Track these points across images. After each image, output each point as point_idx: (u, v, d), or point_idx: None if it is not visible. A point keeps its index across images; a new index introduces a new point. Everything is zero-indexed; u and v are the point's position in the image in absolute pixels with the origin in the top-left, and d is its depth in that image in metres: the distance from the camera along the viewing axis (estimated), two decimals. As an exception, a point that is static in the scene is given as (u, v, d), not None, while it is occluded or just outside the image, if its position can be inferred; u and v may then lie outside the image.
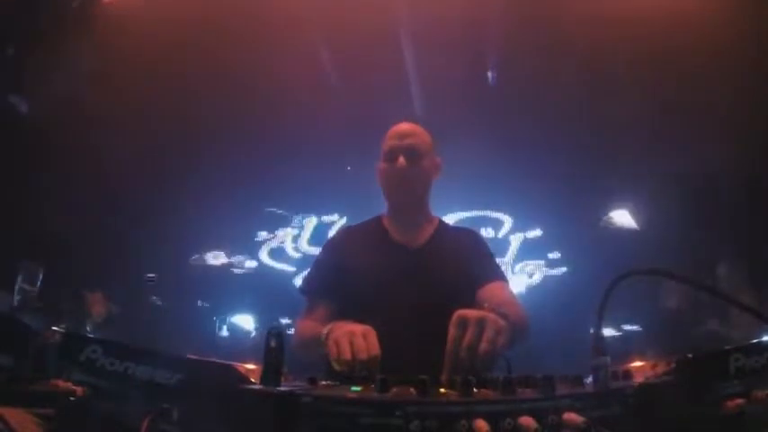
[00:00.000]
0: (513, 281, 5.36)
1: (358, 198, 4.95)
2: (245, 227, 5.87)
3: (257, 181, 5.41)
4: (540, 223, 5.62)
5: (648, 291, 4.23)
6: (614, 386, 0.80)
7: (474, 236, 1.92)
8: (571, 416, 0.68)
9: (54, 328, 0.80)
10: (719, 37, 3.70)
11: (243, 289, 5.57)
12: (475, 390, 0.74)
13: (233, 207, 5.55)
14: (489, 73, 4.77)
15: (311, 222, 5.90)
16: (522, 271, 5.58)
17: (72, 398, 0.77)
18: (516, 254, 5.63)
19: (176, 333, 4.60)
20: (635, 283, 0.85)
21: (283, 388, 0.77)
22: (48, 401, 0.77)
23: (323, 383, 0.88)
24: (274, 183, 5.44)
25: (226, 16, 4.04)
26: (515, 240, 5.64)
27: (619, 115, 4.58)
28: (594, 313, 0.85)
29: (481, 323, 1.08)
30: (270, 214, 5.82)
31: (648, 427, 0.72)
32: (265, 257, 5.89)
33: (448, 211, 4.63)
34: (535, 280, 5.57)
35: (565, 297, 5.15)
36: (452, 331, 1.08)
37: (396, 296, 1.62)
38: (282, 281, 5.71)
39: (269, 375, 0.81)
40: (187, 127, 4.85)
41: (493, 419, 0.68)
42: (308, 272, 1.88)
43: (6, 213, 3.90)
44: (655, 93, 4.35)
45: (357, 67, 4.53)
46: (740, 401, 0.76)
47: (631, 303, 3.94)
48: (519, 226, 5.67)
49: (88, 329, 3.83)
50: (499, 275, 1.74)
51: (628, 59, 4.14)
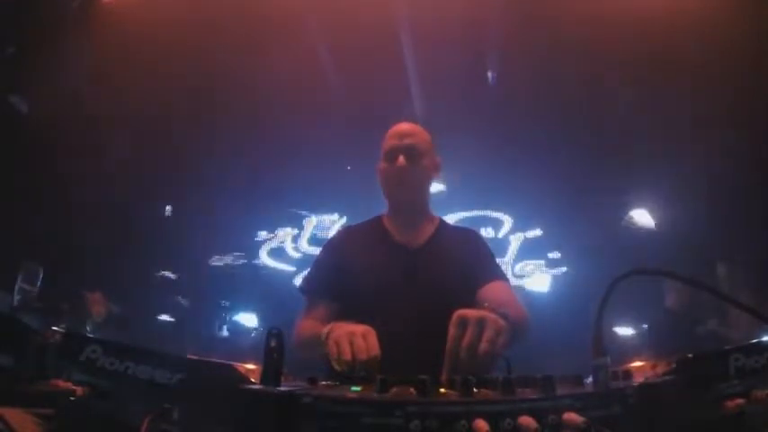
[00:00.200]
0: (535, 281, 5.36)
1: (358, 198, 4.96)
2: (245, 227, 5.87)
3: (257, 181, 5.41)
4: (540, 223, 5.62)
5: (648, 291, 4.23)
6: (614, 386, 0.80)
7: (474, 236, 1.92)
8: (571, 416, 0.68)
9: (54, 328, 0.79)
10: (720, 36, 3.70)
11: (249, 287, 5.59)
12: (475, 390, 0.74)
13: (233, 207, 5.55)
14: (489, 73, 4.77)
15: (311, 222, 5.90)
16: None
17: (72, 398, 0.77)
18: (516, 254, 5.63)
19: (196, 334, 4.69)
20: (634, 283, 0.85)
21: (283, 388, 0.77)
22: (48, 401, 0.77)
23: (323, 383, 0.87)
24: (274, 183, 5.44)
25: (225, 16, 4.05)
26: (515, 240, 5.64)
27: (618, 115, 4.59)
28: (594, 313, 0.85)
29: (481, 323, 1.08)
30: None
31: (648, 427, 0.72)
32: (265, 257, 5.89)
33: (448, 212, 4.63)
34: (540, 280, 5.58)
35: (565, 297, 5.16)
36: (452, 331, 1.08)
37: (396, 296, 1.61)
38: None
39: (269, 375, 0.81)
40: (187, 127, 4.85)
41: (493, 419, 0.67)
42: (308, 272, 1.88)
43: (6, 213, 3.90)
44: (655, 93, 4.35)
45: (357, 67, 4.54)
46: (740, 401, 0.76)
47: (632, 303, 3.94)
48: (519, 226, 5.67)
49: (88, 329, 3.83)
50: (499, 275, 1.74)
51: (628, 59, 4.14)
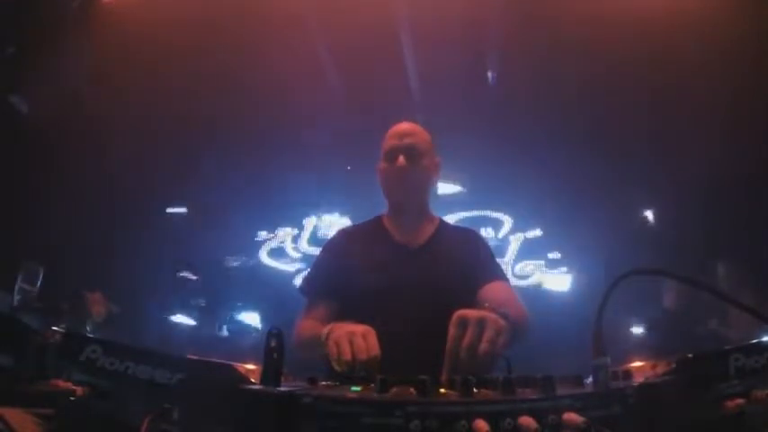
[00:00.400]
0: (555, 280, 5.37)
1: (358, 198, 4.96)
2: (245, 226, 5.87)
3: (257, 181, 5.41)
4: (540, 223, 5.62)
5: (648, 291, 4.23)
6: (614, 386, 0.80)
7: (474, 236, 1.92)
8: (571, 416, 0.68)
9: (54, 328, 0.79)
10: (720, 36, 3.70)
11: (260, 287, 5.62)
12: (475, 390, 0.74)
13: (233, 207, 5.55)
14: (489, 73, 4.77)
15: (311, 222, 5.90)
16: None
17: (72, 398, 0.77)
18: (516, 254, 5.63)
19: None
20: (634, 283, 0.85)
21: (283, 388, 0.77)
22: (48, 401, 0.77)
23: (323, 383, 0.87)
24: (274, 183, 5.44)
25: (225, 16, 4.04)
26: (515, 240, 5.64)
27: (619, 115, 4.59)
28: (595, 313, 0.85)
29: (481, 323, 1.08)
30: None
31: (648, 427, 0.72)
32: (265, 257, 5.89)
33: (448, 212, 4.63)
34: (536, 280, 5.58)
35: (565, 297, 5.16)
36: (452, 331, 1.08)
37: (396, 296, 1.61)
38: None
39: (269, 375, 0.80)
40: (187, 127, 4.85)
41: (493, 419, 0.67)
42: (308, 272, 1.89)
43: (6, 213, 3.90)
44: (655, 93, 4.35)
45: (357, 67, 4.54)
46: (740, 401, 0.76)
47: (632, 303, 3.95)
48: (519, 226, 5.67)
49: (88, 329, 3.83)
50: (500, 275, 1.74)
51: (628, 59, 4.14)
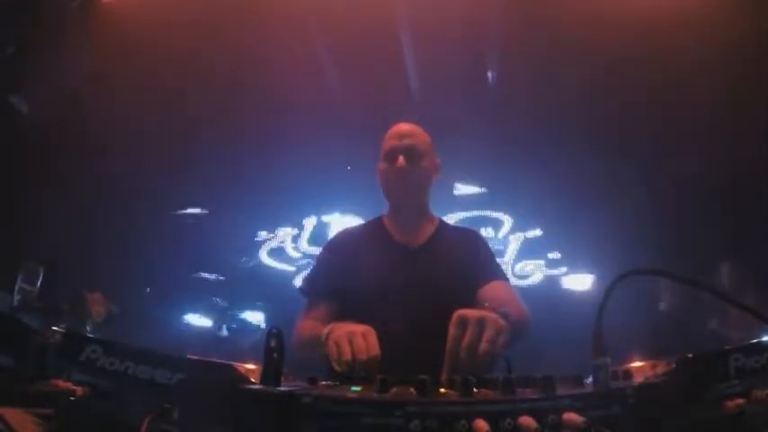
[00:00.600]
0: (578, 281, 5.31)
1: (358, 198, 4.96)
2: (245, 226, 5.87)
3: (257, 181, 5.41)
4: (540, 223, 5.61)
5: (648, 291, 4.22)
6: (614, 386, 0.80)
7: (474, 236, 1.92)
8: (571, 416, 0.68)
9: (54, 328, 0.79)
10: (720, 36, 3.70)
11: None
12: (475, 390, 0.74)
13: (233, 207, 5.55)
14: (489, 73, 4.76)
15: (311, 222, 5.90)
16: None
17: (72, 398, 0.77)
18: (516, 254, 5.63)
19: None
20: (633, 283, 0.85)
21: (283, 388, 0.77)
22: (48, 401, 0.77)
23: (323, 383, 0.87)
24: (274, 183, 5.44)
25: (225, 16, 4.04)
26: (515, 240, 5.64)
27: (619, 115, 4.59)
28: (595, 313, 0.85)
29: (481, 323, 1.08)
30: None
31: (648, 427, 0.72)
32: (265, 257, 5.89)
33: (448, 212, 4.63)
34: (536, 280, 5.57)
35: (565, 297, 5.15)
36: (452, 331, 1.08)
37: (396, 296, 1.62)
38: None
39: (269, 375, 0.81)
40: (187, 127, 4.84)
41: (493, 419, 0.67)
42: (309, 272, 1.89)
43: (6, 213, 3.90)
44: (655, 93, 4.34)
45: (357, 67, 4.54)
46: (740, 401, 0.76)
47: (631, 303, 3.94)
48: (519, 226, 5.67)
49: (88, 329, 3.83)
50: (500, 275, 1.74)
51: (628, 59, 4.14)
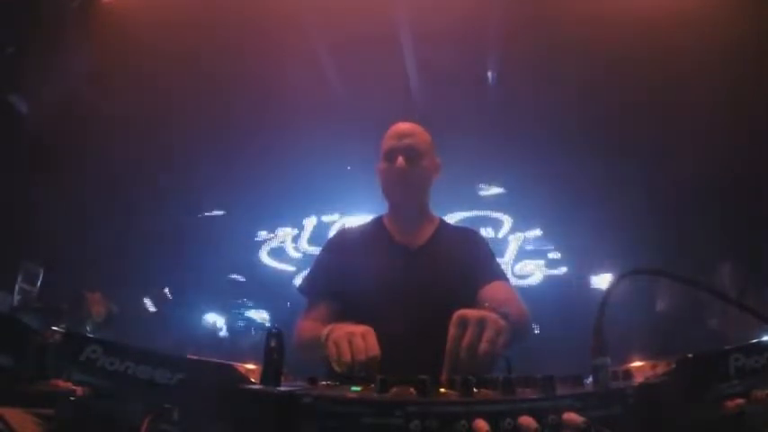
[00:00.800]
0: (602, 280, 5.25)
1: (358, 198, 4.96)
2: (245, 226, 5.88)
3: (257, 181, 5.41)
4: (540, 223, 5.62)
5: (647, 291, 4.23)
6: (614, 386, 0.80)
7: (474, 235, 1.92)
8: (571, 416, 0.68)
9: (54, 328, 0.79)
10: (721, 36, 3.69)
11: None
12: (475, 390, 0.74)
13: (233, 207, 5.55)
14: (489, 73, 4.76)
15: (311, 222, 5.90)
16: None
17: (72, 398, 0.77)
18: (516, 254, 5.63)
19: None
20: (633, 283, 0.85)
21: (283, 388, 0.77)
22: (48, 401, 0.77)
23: (323, 383, 0.87)
24: (274, 183, 5.44)
25: (226, 16, 4.04)
26: (515, 240, 5.64)
27: (619, 115, 4.59)
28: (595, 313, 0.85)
29: (481, 323, 1.08)
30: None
31: (648, 427, 0.72)
32: (265, 257, 5.89)
33: (448, 212, 4.63)
34: (537, 280, 5.58)
35: (565, 297, 5.15)
36: (452, 331, 1.08)
37: (396, 296, 1.61)
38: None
39: (269, 375, 0.80)
40: (187, 126, 4.85)
41: (493, 419, 0.67)
42: (308, 272, 1.88)
43: (6, 213, 3.90)
44: (654, 93, 4.35)
45: (357, 68, 4.54)
46: (740, 401, 0.76)
47: (631, 303, 3.94)
48: (519, 226, 5.67)
49: (88, 329, 3.83)
50: (500, 275, 1.74)
51: (629, 59, 4.14)
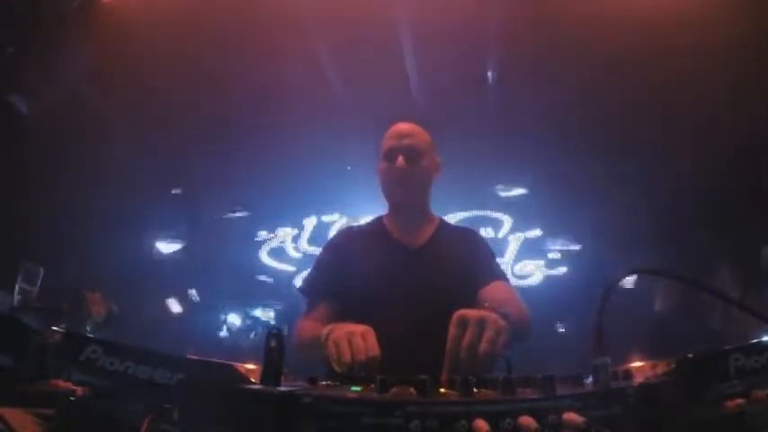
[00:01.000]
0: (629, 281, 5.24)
1: (358, 198, 4.96)
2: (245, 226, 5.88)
3: (257, 181, 5.41)
4: (540, 223, 5.62)
5: (647, 291, 4.22)
6: (614, 386, 0.80)
7: (474, 235, 1.92)
8: (571, 416, 0.68)
9: (54, 328, 0.79)
10: (720, 37, 3.69)
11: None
12: (475, 390, 0.74)
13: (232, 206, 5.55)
14: (489, 73, 4.76)
15: (311, 222, 5.90)
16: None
17: (72, 398, 0.77)
18: (516, 254, 5.63)
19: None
20: (632, 283, 0.85)
21: (283, 388, 0.77)
22: (48, 401, 0.77)
23: (323, 383, 0.87)
24: (274, 182, 5.44)
25: (225, 16, 4.04)
26: (515, 240, 5.64)
27: (619, 115, 4.59)
28: (595, 313, 0.85)
29: (482, 323, 1.08)
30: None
31: (648, 427, 0.72)
32: (265, 257, 5.89)
33: (448, 212, 4.63)
34: (537, 280, 5.58)
35: (565, 297, 5.15)
36: (453, 331, 1.08)
37: (396, 296, 1.61)
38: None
39: (269, 375, 0.80)
40: (187, 126, 4.85)
41: (493, 419, 0.67)
42: (309, 272, 1.88)
43: (6, 213, 3.90)
44: (654, 93, 4.35)
45: (357, 68, 4.54)
46: (740, 401, 0.76)
47: (631, 303, 3.94)
48: (519, 226, 5.67)
49: (88, 329, 3.83)
50: (500, 275, 1.73)
51: (628, 59, 4.14)
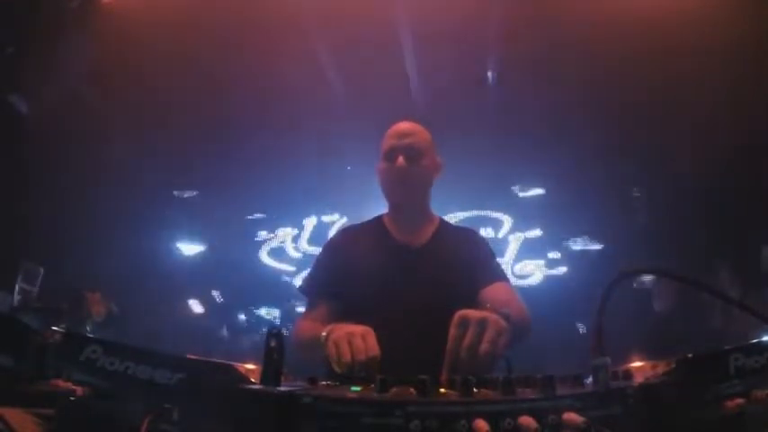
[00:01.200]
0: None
1: (358, 198, 4.96)
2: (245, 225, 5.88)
3: (257, 181, 5.41)
4: (540, 223, 5.61)
5: (647, 290, 4.22)
6: (614, 386, 0.80)
7: (475, 236, 1.92)
8: (571, 416, 0.68)
9: (54, 328, 0.79)
10: (720, 37, 3.69)
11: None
12: (475, 390, 0.74)
13: (233, 207, 5.55)
14: (489, 73, 4.77)
15: (311, 222, 5.90)
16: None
17: (72, 398, 0.77)
18: (516, 254, 5.63)
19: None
20: (632, 283, 0.85)
21: (283, 388, 0.77)
22: (48, 401, 0.77)
23: (323, 383, 0.87)
24: (274, 183, 5.44)
25: (225, 16, 4.04)
26: (515, 240, 5.64)
27: (619, 115, 4.59)
28: (595, 313, 0.85)
29: (482, 324, 1.08)
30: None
31: (648, 427, 0.72)
32: (265, 257, 5.89)
33: (448, 212, 4.63)
34: (537, 280, 5.57)
35: (565, 297, 5.16)
36: (453, 331, 1.08)
37: (396, 296, 1.61)
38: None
39: (269, 375, 0.80)
40: (186, 126, 4.85)
41: (493, 419, 0.67)
42: (309, 272, 1.88)
43: (6, 213, 3.90)
44: (655, 92, 4.35)
45: (357, 67, 4.54)
46: (740, 401, 0.76)
47: (631, 303, 3.94)
48: (519, 226, 5.67)
49: (88, 329, 3.83)
50: (500, 275, 1.73)
51: (628, 59, 4.14)
